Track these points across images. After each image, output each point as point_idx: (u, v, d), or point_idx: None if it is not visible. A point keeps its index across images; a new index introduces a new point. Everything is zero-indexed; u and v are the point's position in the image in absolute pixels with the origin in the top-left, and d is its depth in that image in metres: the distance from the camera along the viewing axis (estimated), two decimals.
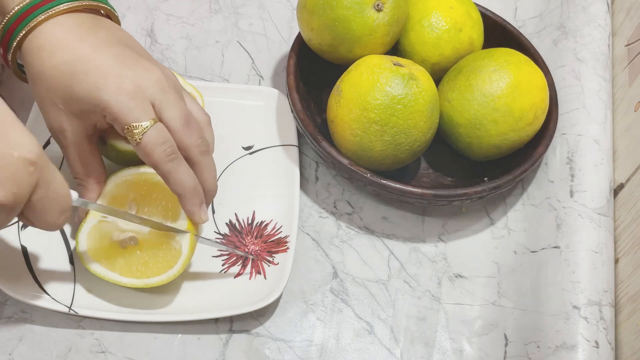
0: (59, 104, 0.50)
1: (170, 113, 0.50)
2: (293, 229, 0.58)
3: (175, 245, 0.53)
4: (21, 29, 0.50)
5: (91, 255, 0.53)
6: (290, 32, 0.74)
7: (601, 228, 0.59)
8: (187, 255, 0.53)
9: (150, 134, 0.49)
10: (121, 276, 0.53)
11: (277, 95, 0.67)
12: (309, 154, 0.66)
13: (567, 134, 0.65)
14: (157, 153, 0.49)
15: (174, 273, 0.53)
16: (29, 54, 0.50)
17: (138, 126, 0.48)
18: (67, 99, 0.50)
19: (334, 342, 0.56)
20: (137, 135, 0.49)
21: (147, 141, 0.49)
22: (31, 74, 0.51)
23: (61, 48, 0.49)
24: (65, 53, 0.49)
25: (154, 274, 0.53)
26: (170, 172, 0.50)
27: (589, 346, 0.53)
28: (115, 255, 0.53)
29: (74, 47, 0.49)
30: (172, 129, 0.50)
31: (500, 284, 0.60)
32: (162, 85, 0.50)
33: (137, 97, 0.49)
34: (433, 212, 0.64)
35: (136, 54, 0.51)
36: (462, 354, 0.57)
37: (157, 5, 0.75)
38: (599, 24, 0.72)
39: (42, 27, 0.50)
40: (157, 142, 0.49)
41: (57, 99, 0.50)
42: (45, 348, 0.53)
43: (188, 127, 0.51)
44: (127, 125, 0.49)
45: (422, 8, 0.64)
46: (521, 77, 0.59)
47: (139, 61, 0.50)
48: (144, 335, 0.55)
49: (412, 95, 0.57)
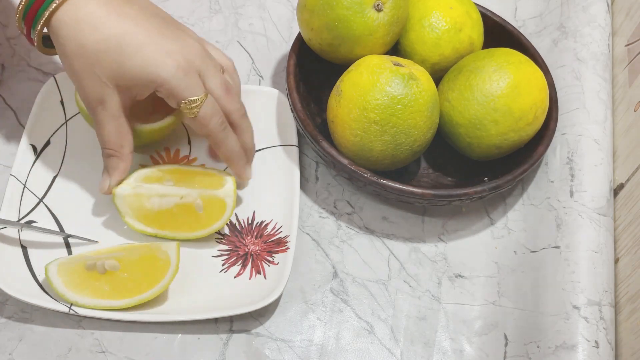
0: (104, 77, 0.51)
1: (213, 82, 0.54)
2: (293, 229, 0.58)
3: (161, 256, 0.54)
4: (50, 2, 0.50)
5: (74, 291, 0.53)
6: (290, 32, 0.74)
7: (601, 228, 0.59)
8: (175, 265, 0.54)
9: (205, 107, 0.53)
10: (113, 300, 0.53)
11: (277, 95, 0.67)
12: (309, 154, 0.66)
13: (567, 134, 0.65)
14: (212, 124, 0.54)
15: (165, 282, 0.54)
16: (65, 27, 0.50)
17: (194, 100, 0.52)
18: (115, 74, 0.51)
19: (334, 342, 0.56)
20: (195, 108, 0.52)
21: (204, 114, 0.53)
22: (69, 48, 0.51)
23: (104, 22, 0.50)
24: (109, 27, 0.50)
25: (145, 289, 0.54)
26: (223, 141, 0.56)
27: (589, 346, 0.53)
28: (97, 283, 0.54)
29: (116, 20, 0.50)
30: (216, 96, 0.54)
31: (500, 284, 0.60)
32: (203, 56, 0.54)
33: (189, 72, 0.52)
34: (433, 212, 0.64)
35: (173, 26, 0.54)
36: (462, 354, 0.57)
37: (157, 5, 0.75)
38: (599, 24, 0.72)
39: (74, 0, 0.50)
40: (212, 114, 0.54)
41: (102, 73, 0.51)
42: (45, 348, 0.53)
43: (229, 94, 0.55)
44: (185, 100, 0.52)
45: (422, 8, 0.64)
46: (521, 77, 0.59)
47: (178, 33, 0.53)
48: (144, 335, 0.55)
49: (412, 95, 0.57)
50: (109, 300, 0.53)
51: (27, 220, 0.58)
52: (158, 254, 0.54)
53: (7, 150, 0.63)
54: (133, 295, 0.54)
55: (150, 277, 0.54)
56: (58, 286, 0.53)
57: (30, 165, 0.60)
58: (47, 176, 0.60)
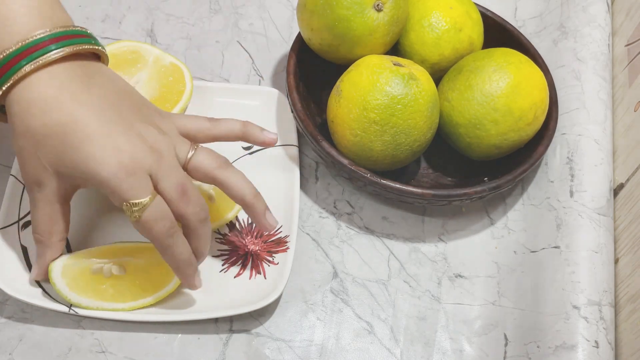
0: (45, 161, 0.48)
1: (167, 183, 0.49)
2: (293, 229, 0.59)
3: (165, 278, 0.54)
4: (7, 79, 0.47)
5: (77, 292, 0.53)
6: (290, 32, 0.74)
7: (601, 228, 0.59)
8: None
9: (150, 210, 0.48)
10: (116, 303, 0.53)
11: (277, 95, 0.67)
12: (309, 154, 0.66)
13: (567, 134, 0.65)
14: (156, 229, 0.49)
15: (169, 289, 0.54)
16: (16, 105, 0.48)
17: (137, 203, 0.47)
18: (56, 161, 0.48)
19: (334, 342, 0.56)
20: (136, 212, 0.48)
21: (147, 218, 0.48)
22: (17, 127, 0.48)
23: (54, 108, 0.47)
24: (58, 114, 0.47)
25: (149, 294, 0.54)
26: (169, 247, 0.50)
27: (589, 346, 0.53)
28: (101, 286, 0.53)
29: (68, 107, 0.47)
30: (169, 199, 0.49)
31: (500, 284, 0.60)
32: (159, 154, 0.49)
33: (135, 172, 0.47)
34: (433, 212, 0.64)
35: (131, 114, 0.50)
36: (462, 354, 0.57)
37: (157, 5, 0.75)
38: (599, 24, 0.72)
39: (31, 79, 0.47)
40: (157, 217, 0.48)
41: (43, 157, 0.48)
42: (45, 348, 0.53)
43: (185, 196, 0.50)
44: (126, 202, 0.47)
45: (422, 8, 0.64)
46: (521, 77, 0.59)
47: (133, 126, 0.49)
48: (144, 335, 0.55)
49: (412, 95, 0.57)
50: (112, 302, 0.53)
51: (27, 220, 0.58)
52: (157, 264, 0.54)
53: (7, 150, 0.63)
54: (136, 299, 0.53)
55: (155, 283, 0.54)
56: (61, 288, 0.52)
57: None
58: None
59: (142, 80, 0.60)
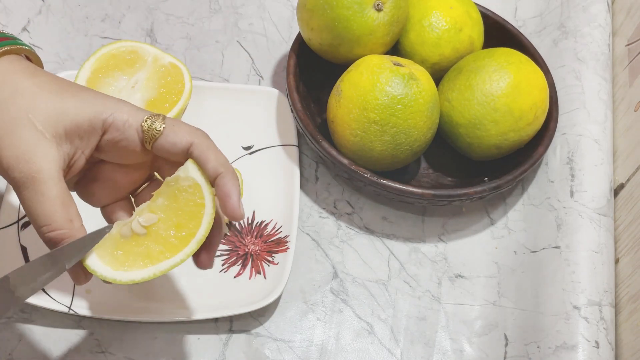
0: (39, 124, 0.41)
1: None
2: (293, 229, 0.58)
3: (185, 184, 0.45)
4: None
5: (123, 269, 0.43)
6: (290, 32, 0.74)
7: (601, 228, 0.59)
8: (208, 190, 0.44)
9: (168, 118, 0.44)
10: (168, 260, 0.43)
11: (277, 95, 0.67)
12: (309, 154, 0.66)
13: (567, 134, 0.65)
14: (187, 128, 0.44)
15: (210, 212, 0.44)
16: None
17: (153, 116, 0.44)
18: (56, 116, 0.42)
19: (334, 342, 0.56)
20: (160, 119, 0.43)
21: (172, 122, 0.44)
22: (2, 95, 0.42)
23: (40, 71, 0.44)
24: (46, 74, 0.44)
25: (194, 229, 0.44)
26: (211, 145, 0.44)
27: (589, 346, 0.53)
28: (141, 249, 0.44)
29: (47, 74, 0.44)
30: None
31: (500, 284, 0.60)
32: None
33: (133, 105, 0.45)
34: (433, 212, 0.64)
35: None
36: (462, 354, 0.57)
37: (157, 5, 0.75)
38: (599, 23, 0.72)
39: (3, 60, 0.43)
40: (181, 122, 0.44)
41: (38, 118, 0.41)
42: (45, 348, 0.53)
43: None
44: (147, 117, 0.43)
45: (422, 8, 0.64)
46: (521, 77, 0.59)
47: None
48: (144, 335, 0.55)
49: (412, 95, 0.57)
50: (166, 261, 0.43)
51: (27, 221, 0.58)
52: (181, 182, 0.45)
53: None
54: (188, 241, 0.44)
55: (192, 212, 0.45)
56: (105, 273, 0.42)
57: None
58: None
59: (141, 80, 0.60)
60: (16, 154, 0.40)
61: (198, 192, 0.44)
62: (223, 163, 0.44)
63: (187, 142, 0.44)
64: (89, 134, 0.43)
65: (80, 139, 0.43)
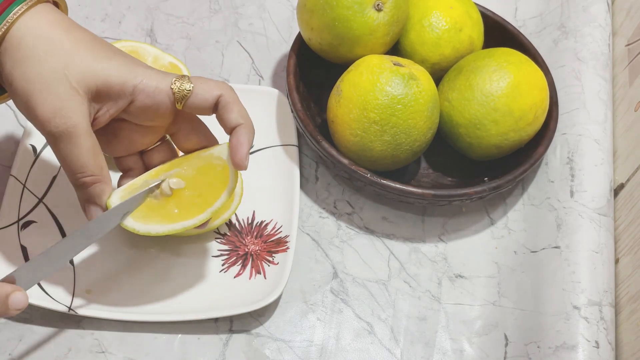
0: (74, 81, 0.44)
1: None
2: (293, 228, 0.58)
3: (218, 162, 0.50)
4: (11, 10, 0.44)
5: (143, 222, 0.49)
6: (290, 32, 0.74)
7: (601, 228, 0.59)
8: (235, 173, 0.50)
9: (194, 76, 0.48)
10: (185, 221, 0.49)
11: (277, 95, 0.67)
12: (309, 154, 0.66)
13: (567, 134, 0.65)
14: (214, 83, 0.48)
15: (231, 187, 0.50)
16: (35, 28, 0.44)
17: (180, 77, 0.48)
18: (90, 74, 0.45)
19: (334, 342, 0.56)
20: (187, 81, 0.47)
21: (198, 80, 0.48)
22: (38, 50, 0.44)
23: (76, 26, 0.46)
24: (82, 31, 0.46)
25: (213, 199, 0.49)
26: (236, 98, 0.49)
27: (589, 346, 0.53)
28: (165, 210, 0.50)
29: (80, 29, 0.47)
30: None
31: (500, 284, 0.60)
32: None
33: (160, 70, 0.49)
34: (433, 212, 0.64)
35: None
36: (462, 354, 0.57)
37: (157, 5, 0.75)
38: (599, 23, 0.72)
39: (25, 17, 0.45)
40: (206, 78, 0.49)
41: (73, 75, 0.44)
42: (45, 348, 0.53)
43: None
44: (175, 79, 0.47)
45: (422, 8, 0.64)
46: (521, 77, 0.59)
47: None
48: (144, 335, 0.55)
49: (412, 95, 0.57)
50: (181, 222, 0.49)
51: (27, 221, 0.58)
52: (213, 161, 0.51)
53: (7, 150, 0.63)
54: (204, 209, 0.49)
55: (215, 187, 0.50)
56: (126, 221, 0.48)
57: (30, 165, 0.60)
58: (47, 176, 0.60)
59: None
60: (52, 109, 0.44)
61: (225, 174, 0.49)
62: (244, 116, 0.49)
63: (215, 95, 0.48)
64: (118, 96, 0.46)
65: (109, 99, 0.46)
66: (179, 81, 0.47)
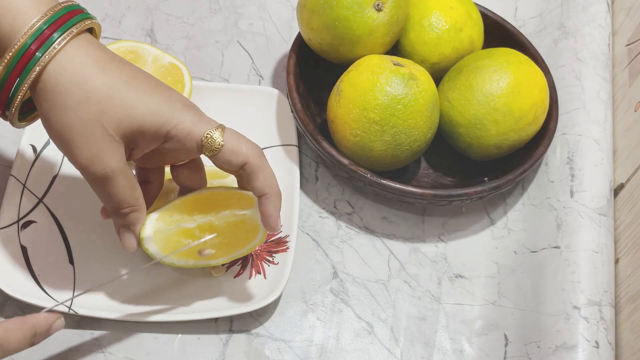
0: (110, 128, 0.45)
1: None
2: (293, 228, 0.58)
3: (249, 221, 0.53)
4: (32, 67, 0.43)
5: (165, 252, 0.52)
6: (290, 32, 0.74)
7: (601, 228, 0.59)
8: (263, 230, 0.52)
9: (228, 131, 0.48)
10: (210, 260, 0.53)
11: (277, 95, 0.67)
12: (309, 154, 0.66)
13: (567, 134, 0.65)
14: (244, 146, 0.48)
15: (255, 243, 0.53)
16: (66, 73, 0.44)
17: (216, 129, 0.48)
18: (125, 120, 0.45)
19: (334, 342, 0.56)
20: (220, 137, 0.48)
21: (232, 138, 0.48)
22: (73, 97, 0.44)
23: (107, 66, 0.45)
24: (116, 70, 0.45)
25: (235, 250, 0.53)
26: (263, 165, 0.49)
27: (589, 346, 0.53)
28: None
29: (119, 64, 0.46)
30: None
31: (500, 284, 0.60)
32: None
33: (197, 109, 0.49)
34: (433, 212, 0.64)
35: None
36: (462, 354, 0.57)
37: (157, 5, 0.75)
38: (599, 23, 0.72)
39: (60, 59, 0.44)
40: (239, 137, 0.49)
41: (109, 122, 0.45)
42: (45, 348, 0.53)
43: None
44: (206, 133, 0.47)
45: (422, 8, 0.64)
46: (521, 77, 0.59)
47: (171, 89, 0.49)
48: (144, 335, 0.55)
49: (412, 95, 0.57)
50: (207, 260, 0.53)
51: (27, 221, 0.58)
52: (246, 220, 0.53)
53: (7, 150, 0.63)
54: (226, 254, 0.53)
55: (238, 243, 0.53)
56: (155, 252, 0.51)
57: (30, 165, 0.60)
58: (47, 176, 0.60)
59: None
60: (90, 156, 0.45)
61: (254, 233, 0.53)
62: (270, 184, 0.49)
63: (242, 161, 0.49)
64: (152, 139, 0.47)
65: (142, 141, 0.47)
66: (211, 134, 0.47)
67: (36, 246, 0.57)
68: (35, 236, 0.57)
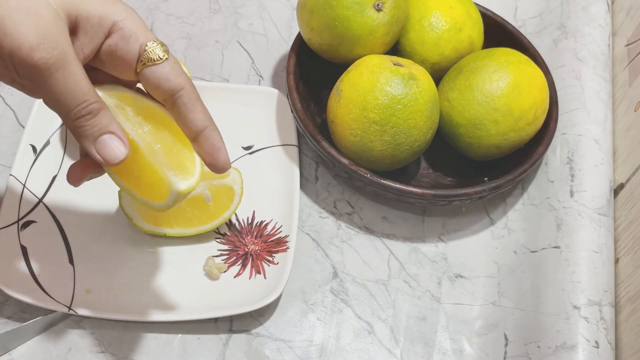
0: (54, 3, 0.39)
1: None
2: (293, 228, 0.58)
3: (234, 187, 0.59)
4: None
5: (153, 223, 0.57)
6: (290, 32, 0.74)
7: (601, 228, 0.59)
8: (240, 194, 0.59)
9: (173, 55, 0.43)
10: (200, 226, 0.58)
11: (277, 95, 0.67)
12: (309, 154, 0.66)
13: (567, 134, 0.65)
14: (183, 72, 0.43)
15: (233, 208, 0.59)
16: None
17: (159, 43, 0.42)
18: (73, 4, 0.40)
19: (334, 342, 0.56)
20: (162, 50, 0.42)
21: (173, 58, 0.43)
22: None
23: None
24: None
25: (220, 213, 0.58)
26: (199, 97, 0.44)
27: (589, 346, 0.53)
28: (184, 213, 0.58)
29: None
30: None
31: (500, 284, 0.60)
32: None
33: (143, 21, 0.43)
34: (433, 212, 0.64)
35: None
36: (462, 354, 0.57)
37: (157, 5, 0.75)
38: (599, 23, 0.72)
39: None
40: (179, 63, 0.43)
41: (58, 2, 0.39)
42: (45, 348, 0.53)
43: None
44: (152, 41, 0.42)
45: (422, 8, 0.64)
46: (521, 77, 0.59)
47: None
48: (144, 335, 0.55)
49: (412, 95, 0.57)
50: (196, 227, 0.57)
51: (27, 221, 0.58)
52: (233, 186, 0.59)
53: (7, 150, 0.63)
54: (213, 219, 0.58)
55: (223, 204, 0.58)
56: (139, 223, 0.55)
57: (30, 165, 0.60)
58: (47, 176, 0.60)
59: None
60: (39, 34, 0.38)
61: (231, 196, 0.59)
62: (209, 117, 0.44)
63: (179, 84, 0.42)
64: (95, 31, 0.41)
65: (85, 33, 0.41)
66: (157, 42, 0.42)
67: (36, 246, 0.57)
68: (35, 236, 0.57)
